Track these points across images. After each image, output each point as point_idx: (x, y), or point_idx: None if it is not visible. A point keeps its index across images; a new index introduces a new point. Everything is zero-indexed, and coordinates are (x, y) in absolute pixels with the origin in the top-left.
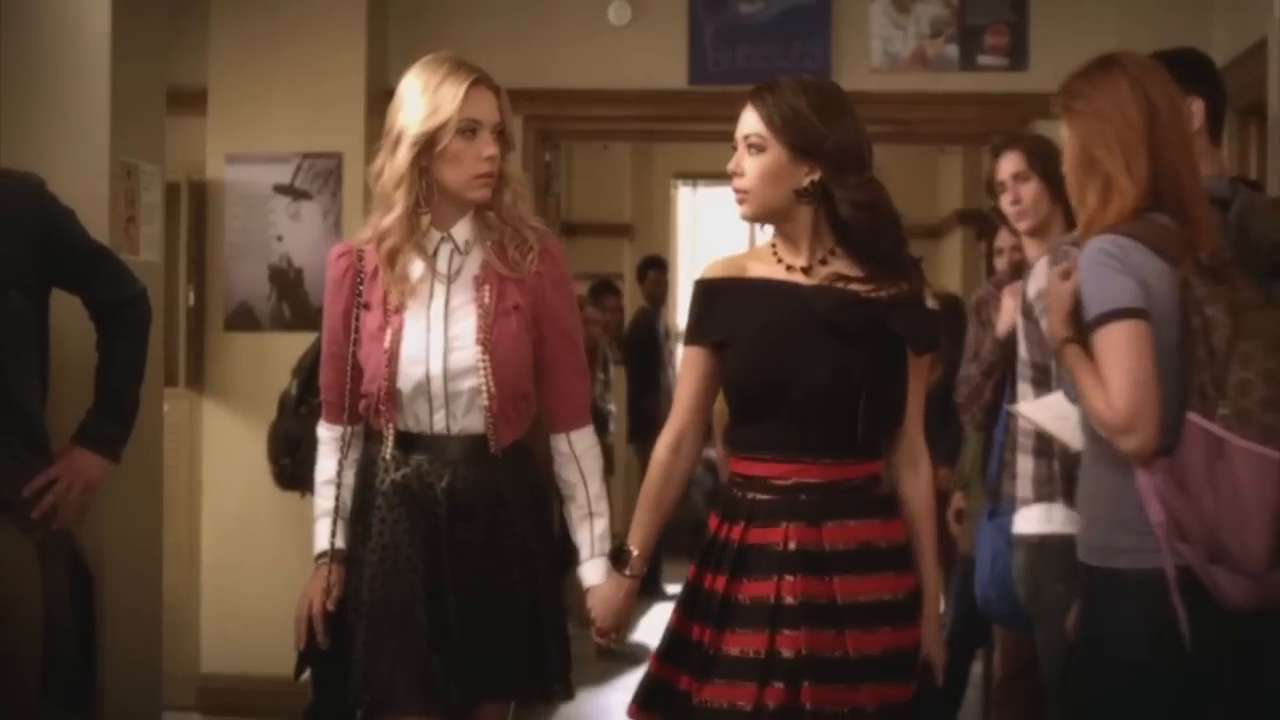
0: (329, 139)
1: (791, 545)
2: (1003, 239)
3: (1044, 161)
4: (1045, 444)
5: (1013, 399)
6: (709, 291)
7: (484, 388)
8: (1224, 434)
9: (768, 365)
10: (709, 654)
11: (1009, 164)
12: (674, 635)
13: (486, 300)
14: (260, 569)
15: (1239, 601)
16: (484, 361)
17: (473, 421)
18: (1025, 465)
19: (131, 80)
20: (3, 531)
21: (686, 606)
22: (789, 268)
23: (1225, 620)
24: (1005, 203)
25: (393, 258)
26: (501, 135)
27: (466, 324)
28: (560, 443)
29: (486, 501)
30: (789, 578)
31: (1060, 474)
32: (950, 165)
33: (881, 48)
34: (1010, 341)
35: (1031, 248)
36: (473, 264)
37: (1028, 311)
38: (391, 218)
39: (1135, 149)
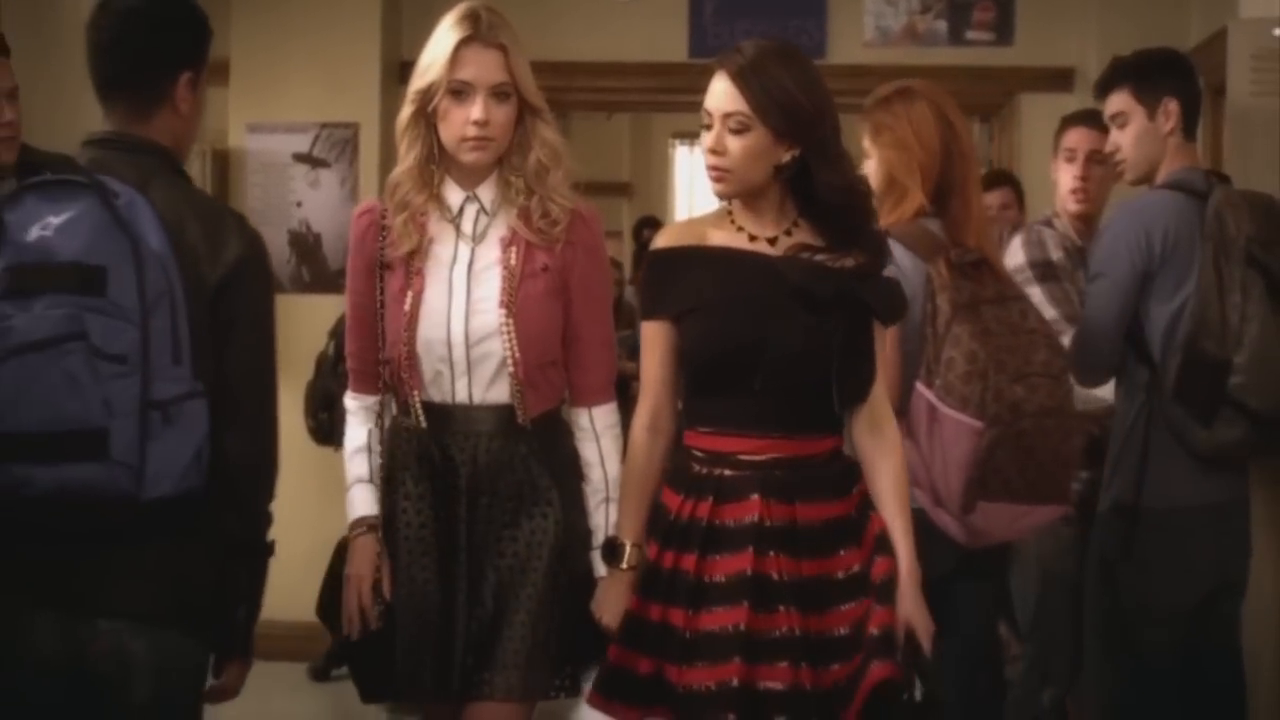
0: (346, 109)
1: (768, 522)
2: None
3: None
4: None
5: None
6: (667, 261)
7: (508, 354)
8: (935, 401)
9: (738, 334)
10: (684, 637)
11: None
12: (632, 618)
13: (513, 262)
14: (282, 519)
15: (958, 538)
16: (508, 325)
17: (498, 391)
18: None
19: None
20: None
21: (645, 588)
22: (753, 238)
23: (956, 554)
24: None
25: (404, 207)
26: (513, 96)
27: (490, 286)
28: (581, 417)
29: (513, 477)
30: (770, 554)
31: None
32: None
33: (874, 22)
34: None
35: None
36: (499, 225)
37: None
38: (399, 170)
39: (929, 170)
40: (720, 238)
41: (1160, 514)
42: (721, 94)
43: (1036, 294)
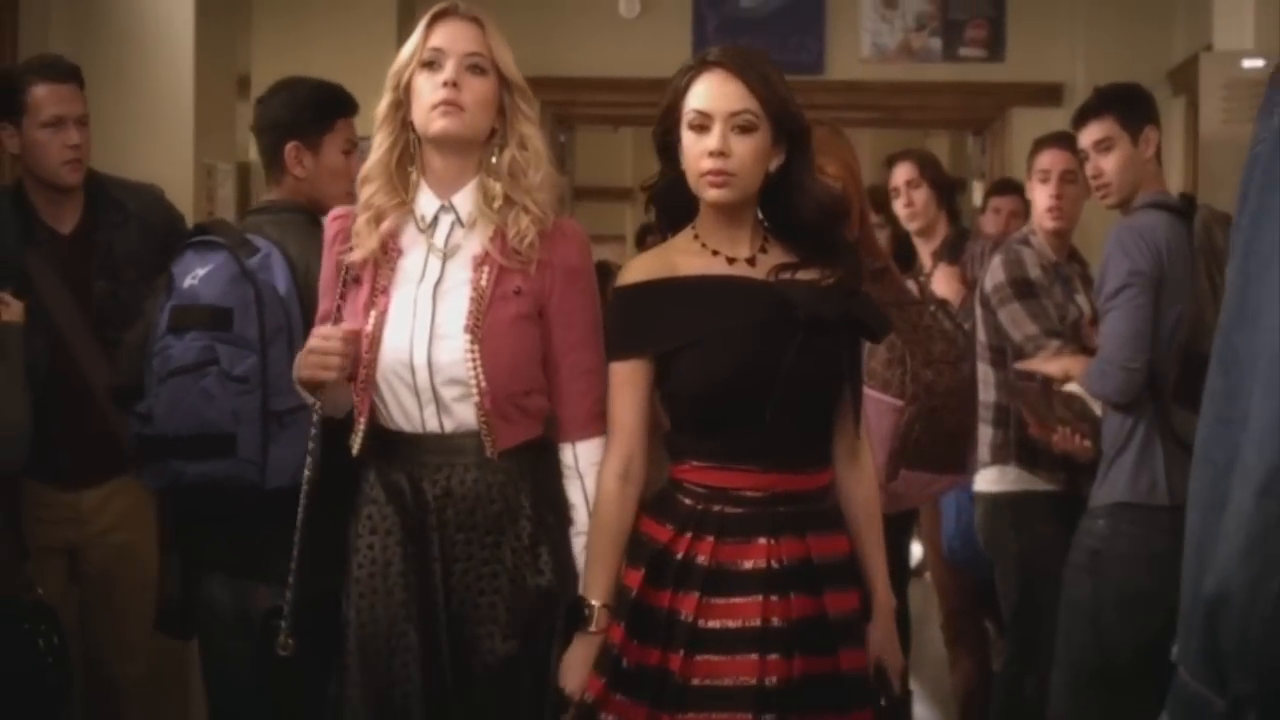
0: (362, 123)
1: (776, 563)
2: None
3: (933, 170)
4: (1002, 414)
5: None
6: (641, 296)
7: (473, 383)
8: None
9: (747, 364)
10: (678, 683)
11: (902, 172)
12: (632, 665)
13: (483, 283)
14: None
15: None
16: (472, 352)
17: (469, 419)
18: (985, 433)
19: (210, 90)
20: (129, 487)
21: (637, 629)
22: (730, 260)
23: None
24: (899, 206)
25: (368, 208)
26: (489, 75)
27: (456, 308)
28: (564, 453)
29: (491, 509)
30: (775, 598)
31: (1014, 440)
32: (937, 147)
33: (870, 40)
34: None
35: (921, 247)
36: (474, 241)
37: (985, 302)
38: (368, 163)
39: (860, 195)
40: (694, 264)
41: (1159, 511)
42: (726, 93)
43: (1017, 310)
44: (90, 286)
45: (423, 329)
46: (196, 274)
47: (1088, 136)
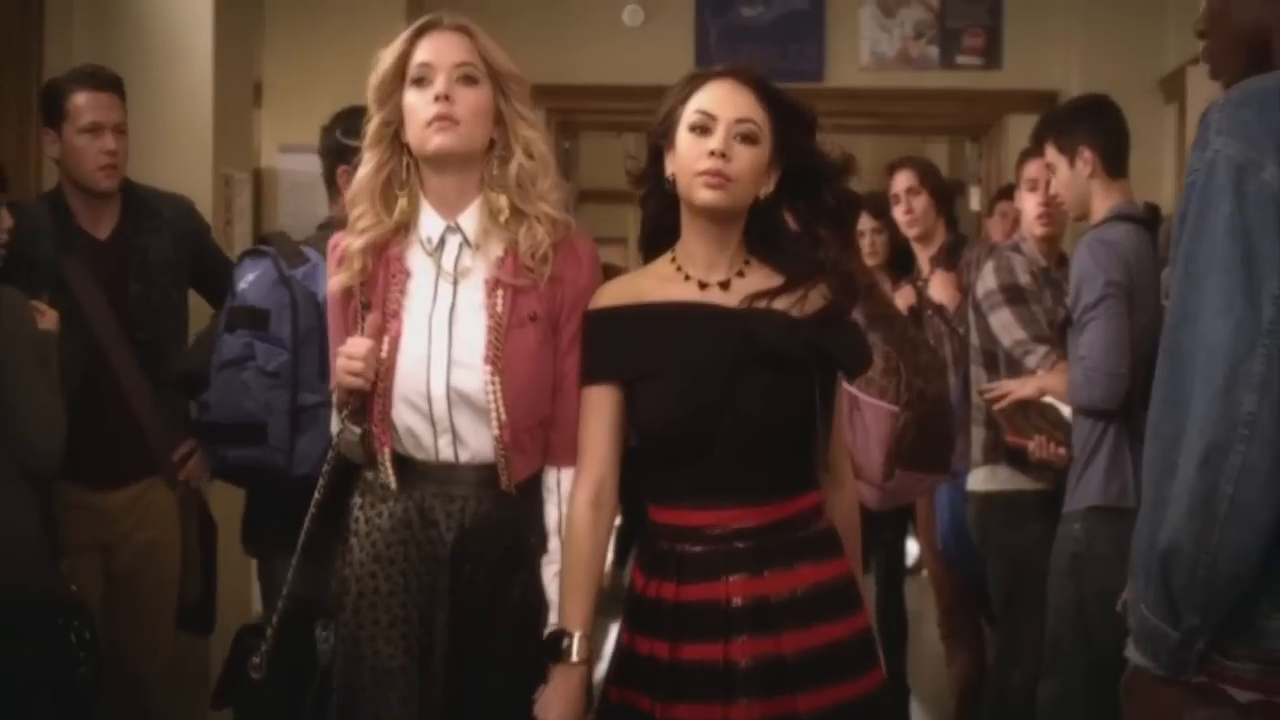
0: None
1: (736, 601)
2: (864, 222)
3: (933, 179)
4: (993, 416)
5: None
6: (611, 321)
7: (493, 415)
8: (856, 392)
9: (695, 402)
10: None
11: (902, 179)
12: (619, 710)
13: (499, 308)
14: None
15: (872, 504)
16: (493, 384)
17: (485, 450)
18: (977, 434)
19: (228, 100)
20: (155, 488)
21: (625, 676)
22: (702, 285)
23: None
24: (898, 213)
25: (353, 228)
26: (483, 84)
27: (474, 337)
28: (549, 477)
29: (500, 544)
30: (738, 639)
31: (1004, 441)
32: (935, 153)
33: (869, 48)
34: None
35: (920, 252)
36: (485, 263)
37: (976, 306)
38: (355, 185)
39: None
40: (667, 290)
41: (1131, 513)
42: (735, 100)
43: (1006, 316)
44: (125, 291)
45: (440, 357)
46: (248, 278)
47: (1044, 162)
